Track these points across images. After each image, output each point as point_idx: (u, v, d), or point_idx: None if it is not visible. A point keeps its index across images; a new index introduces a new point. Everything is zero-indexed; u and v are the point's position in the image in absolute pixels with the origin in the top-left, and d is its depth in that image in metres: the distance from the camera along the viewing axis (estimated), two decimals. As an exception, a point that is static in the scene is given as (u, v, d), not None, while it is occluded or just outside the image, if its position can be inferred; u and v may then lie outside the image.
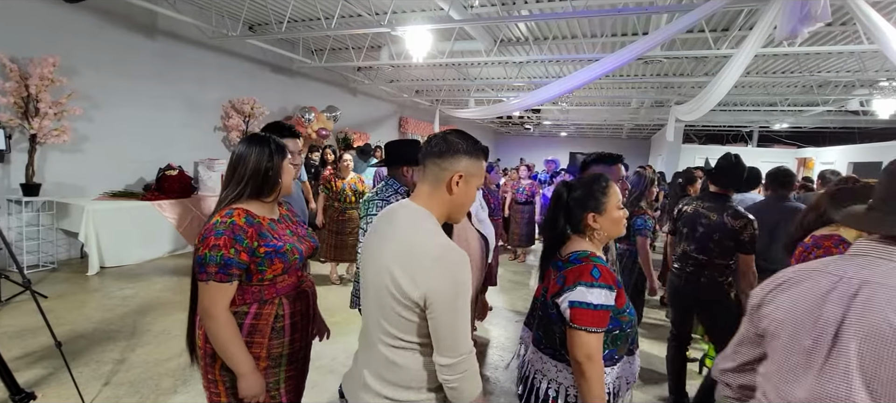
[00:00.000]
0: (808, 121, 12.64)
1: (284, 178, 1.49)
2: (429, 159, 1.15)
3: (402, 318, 1.08)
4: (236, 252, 1.33)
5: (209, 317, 1.34)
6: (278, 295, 1.46)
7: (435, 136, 1.16)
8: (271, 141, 1.47)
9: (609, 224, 1.40)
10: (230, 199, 1.41)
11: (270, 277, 1.42)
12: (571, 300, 1.26)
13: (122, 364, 2.90)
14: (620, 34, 6.60)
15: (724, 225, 2.34)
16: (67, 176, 5.16)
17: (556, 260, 1.41)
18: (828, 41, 6.17)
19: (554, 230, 1.44)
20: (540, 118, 15.94)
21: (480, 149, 1.18)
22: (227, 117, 6.95)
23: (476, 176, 1.16)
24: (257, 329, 1.42)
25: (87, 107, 5.12)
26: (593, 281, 1.26)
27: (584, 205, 1.39)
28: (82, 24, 5.15)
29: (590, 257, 1.33)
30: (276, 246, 1.41)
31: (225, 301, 1.35)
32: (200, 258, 1.33)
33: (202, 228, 1.38)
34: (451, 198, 1.14)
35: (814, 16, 3.22)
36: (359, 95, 10.72)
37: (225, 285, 1.34)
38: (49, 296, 3.91)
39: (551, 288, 1.36)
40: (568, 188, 1.44)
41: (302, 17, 6.61)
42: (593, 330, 1.25)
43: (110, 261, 4.89)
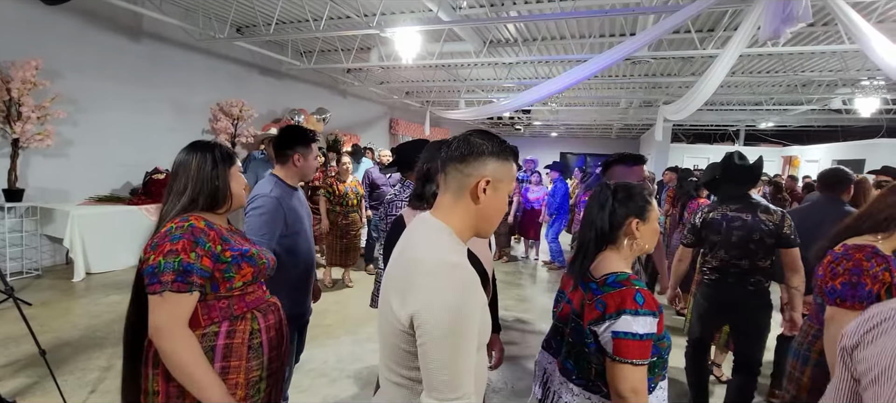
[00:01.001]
0: (793, 119, 12.86)
1: (234, 188, 1.33)
2: (450, 164, 0.99)
3: (402, 351, 0.91)
4: (197, 256, 1.16)
5: (164, 336, 1.11)
6: (249, 309, 1.29)
7: (456, 138, 1.01)
8: (215, 147, 1.33)
9: (649, 233, 1.32)
10: (174, 213, 1.24)
11: (239, 285, 1.26)
12: (615, 330, 1.14)
13: (109, 372, 2.86)
14: (608, 35, 6.66)
15: (761, 224, 2.22)
16: (51, 180, 5.07)
17: (588, 281, 1.27)
18: (810, 41, 6.28)
19: (592, 236, 1.31)
20: (530, 119, 16.01)
21: (509, 150, 1.01)
22: (215, 120, 6.88)
23: (506, 180, 0.99)
24: (232, 350, 1.22)
25: (71, 110, 5.04)
26: (638, 309, 1.13)
27: (629, 211, 1.29)
28: (66, 27, 5.07)
29: (630, 280, 1.20)
30: (242, 250, 1.27)
31: (183, 314, 1.14)
32: (151, 268, 1.12)
33: (150, 239, 1.20)
34: (477, 207, 0.97)
35: (795, 16, 3.28)
36: (349, 97, 10.68)
37: (183, 296, 1.13)
38: (33, 304, 3.84)
39: (587, 315, 1.22)
40: (613, 191, 1.32)
41: (290, 18, 6.57)
42: (639, 362, 1.13)
43: (96, 267, 4.82)
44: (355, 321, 3.99)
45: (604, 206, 1.31)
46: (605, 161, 2.23)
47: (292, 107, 8.34)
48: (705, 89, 5.72)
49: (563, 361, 1.33)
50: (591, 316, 1.20)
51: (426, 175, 1.65)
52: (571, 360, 1.30)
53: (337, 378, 2.99)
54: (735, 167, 2.37)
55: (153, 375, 1.20)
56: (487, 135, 1.00)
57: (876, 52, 3.90)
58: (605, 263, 1.28)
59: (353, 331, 3.76)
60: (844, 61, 7.10)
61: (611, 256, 1.30)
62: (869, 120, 10.93)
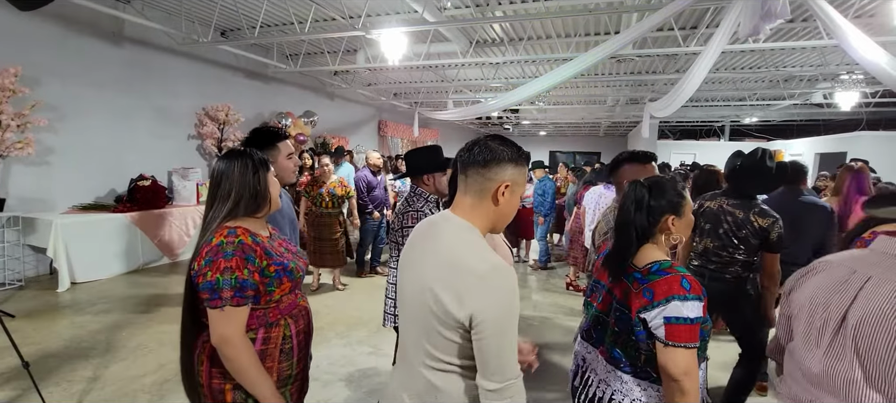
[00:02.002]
0: (776, 114, 13.10)
1: (272, 192, 1.42)
2: (471, 169, 1.08)
3: (446, 340, 1.02)
4: (249, 272, 1.26)
5: (230, 345, 1.25)
6: (283, 316, 1.39)
7: (476, 144, 1.09)
8: (252, 154, 1.41)
9: (684, 227, 1.36)
10: (222, 218, 1.33)
11: (278, 298, 1.36)
12: (666, 316, 1.18)
13: (96, 383, 2.82)
14: (593, 34, 6.73)
15: (750, 223, 2.28)
16: (33, 190, 4.98)
17: (631, 272, 1.31)
18: (790, 37, 6.40)
19: (632, 235, 1.33)
20: (519, 118, 16.09)
21: (524, 156, 1.11)
22: (201, 125, 6.81)
23: (520, 184, 1.10)
24: (267, 354, 1.35)
25: (52, 118, 4.96)
26: (686, 294, 1.18)
27: (665, 208, 1.32)
28: (45, 33, 4.99)
29: (674, 267, 1.25)
30: (284, 264, 1.36)
31: (242, 325, 1.28)
32: (210, 283, 1.23)
33: (201, 250, 1.28)
34: (496, 209, 1.08)
35: (773, 13, 3.34)
36: (336, 99, 10.64)
37: (241, 309, 1.26)
38: (16, 315, 3.77)
39: (635, 303, 1.25)
40: (648, 189, 1.34)
41: (274, 21, 6.53)
42: (691, 345, 1.17)
43: (81, 277, 4.74)
44: (346, 324, 3.98)
45: (641, 205, 1.33)
46: (615, 159, 2.22)
47: (280, 111, 8.29)
48: (690, 86, 5.80)
49: (610, 350, 1.35)
50: (640, 303, 1.23)
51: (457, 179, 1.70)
52: (619, 348, 1.32)
53: (329, 381, 2.98)
54: (748, 166, 2.38)
55: (199, 371, 1.34)
56: (506, 142, 1.09)
57: (853, 47, 3.99)
58: (645, 254, 1.32)
59: (344, 334, 3.75)
60: (824, 56, 7.25)
61: (650, 247, 1.33)
62: (849, 113, 11.17)
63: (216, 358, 1.28)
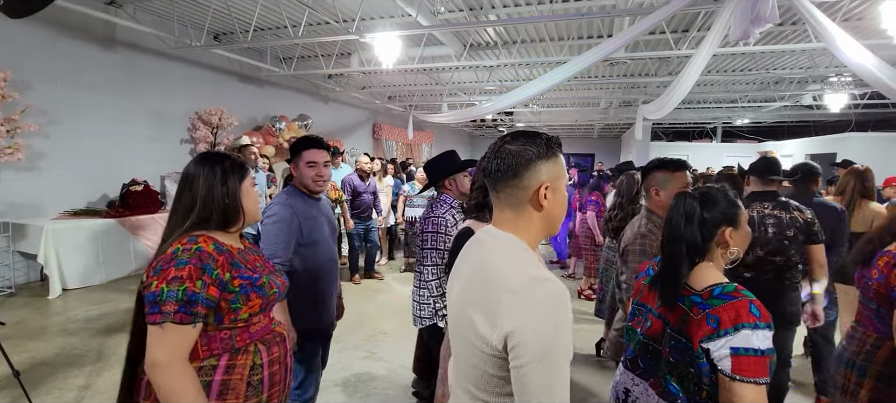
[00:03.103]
0: (768, 116, 13.24)
1: (246, 204, 1.25)
2: (501, 183, 0.94)
3: (483, 372, 0.87)
4: (204, 285, 1.07)
5: (162, 373, 1.03)
6: (252, 341, 1.19)
7: (498, 154, 0.95)
8: (226, 159, 1.25)
9: (742, 239, 1.23)
10: (180, 233, 1.16)
11: (245, 317, 1.17)
12: (734, 346, 1.03)
13: (88, 391, 2.79)
14: (586, 37, 6.77)
15: (796, 221, 2.29)
16: (24, 195, 4.92)
17: (688, 295, 1.17)
18: (780, 40, 6.48)
19: (682, 250, 1.20)
20: (513, 120, 16.12)
21: (554, 144, 0.96)
22: (194, 129, 6.77)
23: (561, 176, 0.96)
24: (230, 387, 1.12)
25: (43, 122, 4.91)
26: (757, 321, 1.04)
27: (720, 218, 1.20)
28: (36, 37, 4.94)
29: (739, 290, 1.11)
30: (252, 278, 1.18)
31: (184, 348, 1.06)
32: (153, 295, 1.04)
33: (154, 259, 1.11)
34: (542, 213, 0.94)
35: (763, 17, 3.38)
36: (330, 103, 10.62)
37: (186, 328, 1.05)
38: (6, 323, 3.72)
39: (696, 331, 1.10)
40: (700, 201, 1.22)
41: (268, 25, 6.52)
42: (762, 380, 1.03)
43: (73, 283, 4.69)
44: (341, 328, 3.96)
45: (691, 218, 1.20)
46: (645, 167, 2.17)
47: (273, 114, 8.25)
48: (682, 88, 5.85)
49: (665, 383, 1.19)
50: (703, 332, 1.08)
51: (485, 186, 1.64)
52: (676, 381, 1.17)
53: (324, 387, 2.96)
54: (770, 164, 2.44)
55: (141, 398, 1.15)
56: (528, 137, 0.95)
57: (841, 49, 4.04)
58: (703, 275, 1.18)
59: (339, 339, 3.73)
60: (813, 59, 7.34)
61: (706, 267, 1.20)
62: (838, 115, 11.31)
63: None
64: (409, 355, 3.45)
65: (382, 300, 4.93)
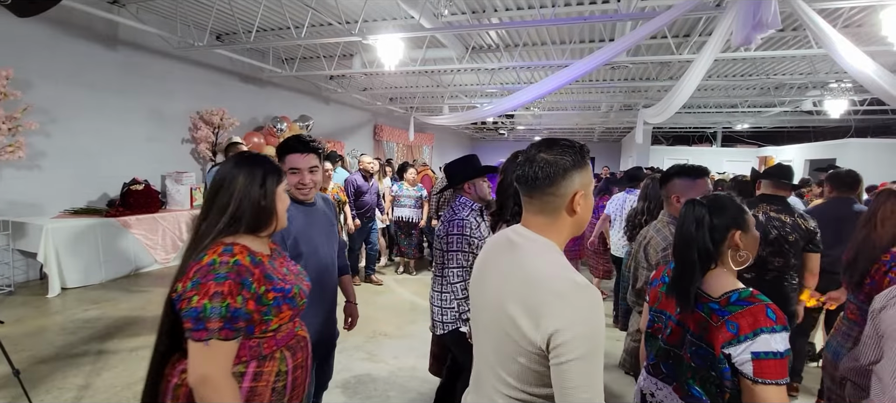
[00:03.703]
0: (767, 121, 13.26)
1: (279, 209, 1.23)
2: (536, 192, 1.00)
3: (521, 366, 0.93)
4: (243, 300, 1.07)
5: (209, 386, 1.04)
6: (279, 348, 1.19)
7: (532, 162, 0.99)
8: (265, 162, 1.23)
9: (752, 242, 1.26)
10: (217, 233, 1.14)
11: (275, 327, 1.17)
12: (755, 351, 1.08)
13: (87, 390, 2.78)
14: (588, 41, 6.79)
15: (798, 227, 2.38)
16: (24, 194, 4.92)
17: (706, 302, 1.21)
18: (781, 46, 6.50)
19: (694, 256, 1.23)
20: (513, 123, 16.16)
21: (585, 152, 1.02)
22: (195, 129, 6.77)
23: (590, 182, 1.03)
24: (256, 393, 1.14)
25: (43, 121, 4.91)
26: (774, 325, 1.09)
27: (729, 223, 1.23)
28: (38, 36, 4.94)
29: (755, 295, 1.15)
30: (285, 290, 1.18)
31: (229, 363, 1.08)
32: (196, 310, 1.03)
33: (188, 269, 1.09)
34: (574, 218, 1.01)
35: (765, 23, 3.39)
36: (332, 104, 10.62)
37: (230, 343, 1.07)
38: (5, 321, 3.71)
39: (716, 337, 1.14)
40: (709, 207, 1.25)
41: (271, 26, 6.53)
42: (782, 382, 1.08)
43: (72, 282, 4.68)
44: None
45: (701, 223, 1.24)
46: (664, 173, 2.17)
47: (275, 115, 8.26)
48: (683, 92, 5.86)
49: (688, 387, 1.23)
50: (724, 338, 1.13)
51: (518, 192, 1.64)
52: (699, 385, 1.21)
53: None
54: (782, 170, 2.58)
55: None
56: (562, 148, 1.00)
57: (841, 56, 4.05)
58: (717, 281, 1.22)
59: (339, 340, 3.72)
60: (813, 65, 7.37)
61: (720, 273, 1.24)
62: (838, 120, 11.34)
63: (193, 400, 1.08)
64: (410, 356, 3.45)
65: (383, 301, 4.93)
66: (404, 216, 5.88)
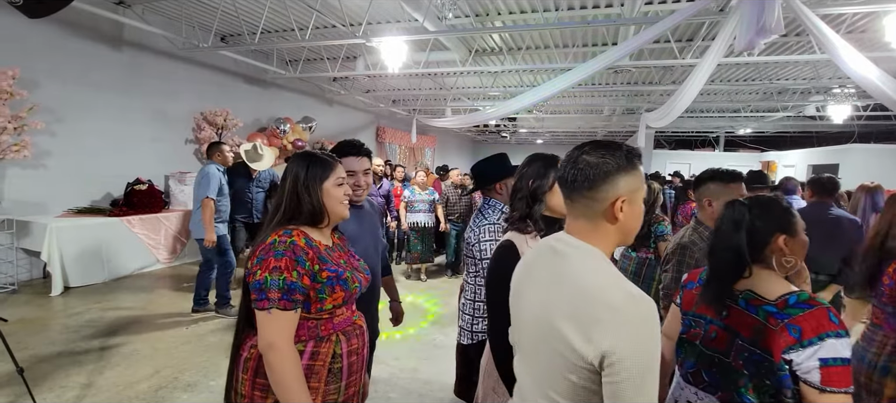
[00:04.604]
0: (770, 125, 13.25)
1: (329, 204, 1.31)
2: (576, 194, 0.94)
3: (574, 385, 0.87)
4: (299, 275, 1.19)
5: (275, 351, 1.16)
6: (335, 331, 1.29)
7: (575, 164, 0.94)
8: (311, 159, 1.32)
9: (799, 248, 1.19)
10: (276, 224, 1.27)
11: (329, 308, 1.27)
12: (823, 357, 1.01)
13: (90, 389, 2.79)
14: (591, 44, 6.80)
15: None
16: (28, 192, 4.94)
17: (760, 305, 1.14)
18: (784, 51, 6.50)
19: (729, 258, 1.18)
20: (516, 126, 16.18)
21: (634, 156, 0.95)
22: (198, 129, 6.80)
23: (639, 189, 0.95)
24: (313, 371, 1.24)
25: (49, 120, 4.94)
26: (839, 329, 1.03)
27: (773, 226, 1.17)
28: (44, 36, 4.98)
29: (814, 298, 1.09)
30: (338, 271, 1.27)
31: (290, 331, 1.19)
32: (259, 283, 1.17)
33: (255, 248, 1.24)
34: (617, 226, 0.93)
35: (768, 28, 3.39)
36: (335, 105, 10.66)
37: (289, 313, 1.18)
38: (9, 320, 3.72)
39: (776, 342, 1.07)
40: (750, 208, 1.20)
41: (275, 28, 6.56)
42: (849, 390, 1.02)
43: (75, 281, 4.70)
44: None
45: (740, 225, 1.18)
46: (697, 177, 2.08)
47: (278, 116, 8.29)
48: (686, 97, 5.87)
49: (740, 396, 1.15)
50: (785, 342, 1.06)
51: (533, 195, 1.56)
52: (751, 395, 1.13)
53: (325, 389, 2.97)
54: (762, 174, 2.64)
55: (242, 379, 1.26)
56: (608, 149, 0.94)
57: (845, 61, 4.06)
58: (769, 283, 1.16)
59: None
60: (816, 70, 7.36)
61: (768, 274, 1.18)
62: (841, 126, 11.31)
63: (261, 369, 1.20)
64: (411, 358, 3.45)
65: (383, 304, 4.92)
66: (419, 221, 5.79)
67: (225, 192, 4.19)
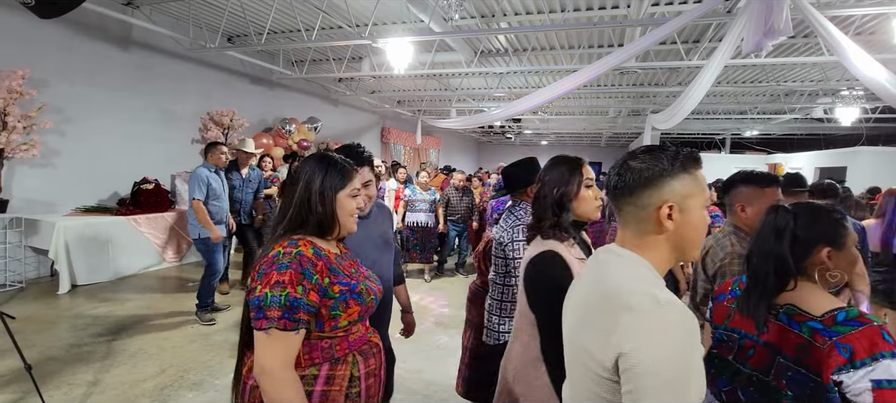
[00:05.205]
0: (777, 128, 13.15)
1: (340, 215, 1.19)
2: (621, 201, 0.89)
3: (597, 396, 0.81)
4: (304, 290, 1.06)
5: (268, 377, 1.02)
6: (351, 351, 1.17)
7: (620, 170, 0.89)
8: (332, 164, 1.20)
9: (846, 263, 1.12)
10: (282, 232, 1.15)
11: (345, 325, 1.14)
12: (876, 378, 0.95)
13: (96, 387, 2.81)
14: (596, 46, 6.78)
15: None
16: (37, 191, 4.99)
17: (804, 321, 1.07)
18: (792, 52, 6.45)
19: (769, 269, 1.11)
20: (520, 127, 16.15)
21: (688, 159, 0.86)
22: (205, 129, 6.84)
23: (695, 193, 0.85)
24: (329, 397, 1.11)
25: (58, 120, 4.98)
26: (894, 349, 0.96)
27: (818, 237, 1.10)
28: (54, 36, 5.03)
29: (864, 315, 1.03)
30: (351, 284, 1.15)
31: (289, 354, 1.05)
32: (258, 299, 1.03)
33: (257, 261, 1.11)
34: (668, 235, 0.85)
35: (776, 29, 3.37)
36: (340, 106, 10.69)
37: (290, 334, 1.04)
38: (17, 317, 3.75)
39: (827, 361, 1.00)
40: (795, 216, 1.13)
41: (282, 28, 6.59)
42: None
43: (82, 279, 4.73)
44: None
45: (782, 234, 1.11)
46: (728, 179, 1.97)
47: (284, 116, 8.32)
48: (692, 98, 5.83)
49: None
50: (836, 362, 0.98)
51: (559, 203, 1.49)
52: None
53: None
54: (799, 178, 2.70)
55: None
56: (652, 155, 0.87)
57: (853, 63, 4.02)
58: (816, 299, 1.08)
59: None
60: (824, 72, 7.30)
61: (812, 288, 1.11)
62: (849, 128, 11.21)
63: None
64: (416, 359, 3.44)
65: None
66: (420, 221, 5.80)
67: (217, 193, 4.11)
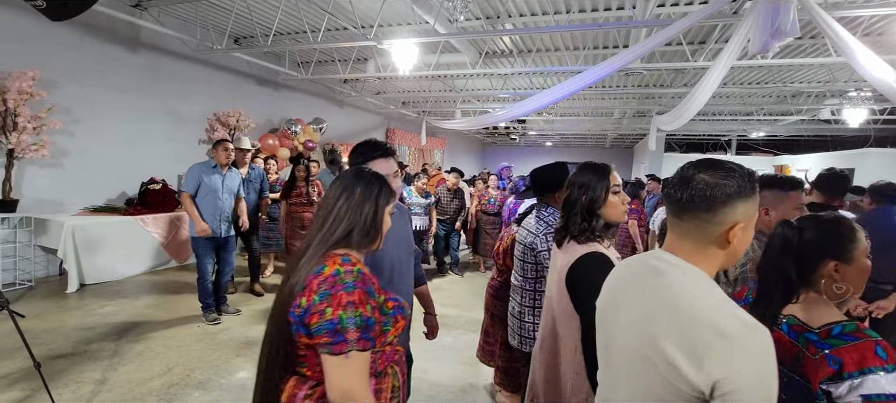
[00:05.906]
0: (784, 129, 13.05)
1: (384, 229, 1.21)
2: (688, 214, 0.90)
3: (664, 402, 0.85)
4: (371, 309, 1.05)
5: (354, 400, 1.00)
6: (389, 363, 1.17)
7: (688, 183, 0.90)
8: (382, 182, 1.21)
9: (855, 276, 1.11)
10: (331, 244, 1.12)
11: (391, 340, 1.14)
12: (865, 393, 0.98)
13: (104, 385, 2.84)
14: (602, 47, 6.76)
15: None
16: (46, 191, 5.05)
17: (802, 332, 1.11)
18: (799, 53, 6.41)
19: (774, 280, 1.14)
20: (525, 128, 16.13)
21: (754, 181, 0.90)
22: (212, 130, 6.89)
23: (754, 215, 0.91)
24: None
25: (67, 120, 5.04)
26: (885, 364, 0.98)
27: (823, 251, 1.11)
28: (63, 38, 5.09)
29: (862, 330, 1.05)
30: (398, 299, 1.16)
31: (366, 374, 1.04)
32: (332, 322, 0.99)
33: (308, 281, 1.05)
34: (726, 251, 0.90)
35: (783, 31, 3.35)
36: (345, 107, 10.73)
37: (367, 354, 1.03)
38: (26, 316, 3.80)
39: (815, 371, 1.05)
40: (800, 230, 1.14)
41: (288, 30, 6.63)
42: None
43: (90, 278, 4.78)
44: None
45: (788, 247, 1.13)
46: None
47: (289, 117, 8.36)
48: (698, 100, 5.80)
49: None
50: (823, 373, 1.03)
51: (589, 209, 1.52)
52: None
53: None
54: (831, 177, 2.69)
55: None
56: (729, 170, 0.89)
57: (861, 64, 3.99)
58: (816, 311, 1.11)
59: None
60: (832, 73, 7.25)
61: (816, 300, 1.13)
62: (857, 130, 11.11)
63: None
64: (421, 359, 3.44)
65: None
66: (416, 225, 5.80)
67: (211, 189, 4.05)
